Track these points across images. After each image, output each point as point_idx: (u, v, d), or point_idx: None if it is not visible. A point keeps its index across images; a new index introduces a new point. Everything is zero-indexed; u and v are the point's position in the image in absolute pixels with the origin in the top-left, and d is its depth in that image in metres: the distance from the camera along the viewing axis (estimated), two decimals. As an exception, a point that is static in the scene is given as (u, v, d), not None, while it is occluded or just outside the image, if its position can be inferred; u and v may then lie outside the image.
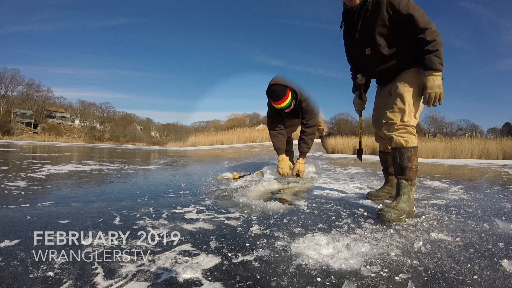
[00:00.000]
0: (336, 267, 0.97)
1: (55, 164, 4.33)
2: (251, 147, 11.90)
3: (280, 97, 2.37)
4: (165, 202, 1.90)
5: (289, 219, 1.51)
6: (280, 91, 2.37)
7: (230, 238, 1.23)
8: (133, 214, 1.57)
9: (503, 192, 2.67)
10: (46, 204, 1.73)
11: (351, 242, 1.18)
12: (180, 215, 1.56)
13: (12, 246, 1.08)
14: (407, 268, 0.98)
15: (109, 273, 0.91)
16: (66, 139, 36.96)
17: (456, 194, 2.48)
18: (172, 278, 0.89)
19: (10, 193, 2.05)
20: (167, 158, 7.16)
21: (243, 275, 0.91)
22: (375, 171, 4.22)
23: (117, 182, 2.83)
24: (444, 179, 3.55)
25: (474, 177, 4.20)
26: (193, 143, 21.70)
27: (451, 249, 1.16)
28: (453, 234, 1.34)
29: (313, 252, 1.08)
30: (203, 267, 0.95)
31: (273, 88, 2.39)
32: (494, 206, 2.01)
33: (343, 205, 1.88)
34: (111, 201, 1.87)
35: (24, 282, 0.84)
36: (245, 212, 1.62)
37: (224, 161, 5.66)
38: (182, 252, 1.07)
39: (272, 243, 1.17)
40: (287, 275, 0.91)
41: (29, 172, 3.24)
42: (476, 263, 1.04)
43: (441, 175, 4.26)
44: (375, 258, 1.05)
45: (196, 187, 2.53)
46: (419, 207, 1.85)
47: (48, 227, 1.28)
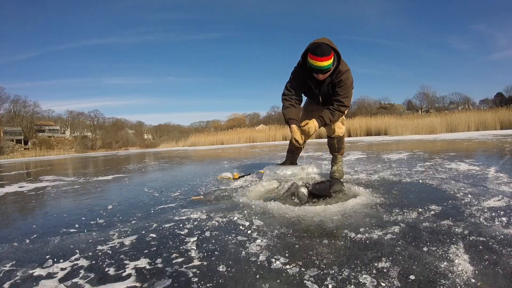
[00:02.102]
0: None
1: (3, 184, 3.86)
2: (251, 147, 11.64)
3: (325, 54, 2.05)
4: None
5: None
6: (325, 49, 2.06)
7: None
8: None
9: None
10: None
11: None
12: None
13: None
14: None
15: None
16: (58, 151, 36.18)
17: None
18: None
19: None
20: (147, 162, 6.54)
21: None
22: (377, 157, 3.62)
23: (38, 207, 2.23)
24: (466, 158, 2.97)
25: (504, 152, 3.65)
26: (193, 143, 22.17)
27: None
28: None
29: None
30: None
31: (319, 44, 2.07)
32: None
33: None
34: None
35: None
36: (245, 213, 1.58)
37: (224, 161, 5.47)
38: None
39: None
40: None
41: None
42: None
43: (458, 153, 3.70)
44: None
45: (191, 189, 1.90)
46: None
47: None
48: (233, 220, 1.47)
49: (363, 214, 1.43)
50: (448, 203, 1.54)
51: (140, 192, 2.53)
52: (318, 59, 2.06)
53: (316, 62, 2.08)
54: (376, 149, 5.63)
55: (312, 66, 2.11)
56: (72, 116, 53.54)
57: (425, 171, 2.62)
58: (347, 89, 2.21)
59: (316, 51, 2.06)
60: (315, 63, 2.09)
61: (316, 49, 2.06)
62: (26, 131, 46.48)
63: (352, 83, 2.25)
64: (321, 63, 2.07)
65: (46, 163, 10.36)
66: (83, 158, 13.72)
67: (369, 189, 1.99)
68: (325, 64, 2.06)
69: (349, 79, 2.20)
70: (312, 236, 1.20)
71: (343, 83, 2.19)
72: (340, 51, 2.16)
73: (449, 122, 13.21)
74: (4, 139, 41.31)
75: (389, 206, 1.54)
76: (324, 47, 2.05)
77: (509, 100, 29.99)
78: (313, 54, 2.08)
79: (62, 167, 7.45)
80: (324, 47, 2.05)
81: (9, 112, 46.34)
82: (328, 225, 1.31)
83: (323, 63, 2.06)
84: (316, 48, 2.06)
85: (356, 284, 0.82)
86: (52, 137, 50.11)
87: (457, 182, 2.07)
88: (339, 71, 2.17)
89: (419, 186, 2.04)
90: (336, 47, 2.17)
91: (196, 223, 1.46)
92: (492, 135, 8.64)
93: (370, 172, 2.74)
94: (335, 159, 2.53)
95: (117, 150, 35.34)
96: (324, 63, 2.06)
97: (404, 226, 1.23)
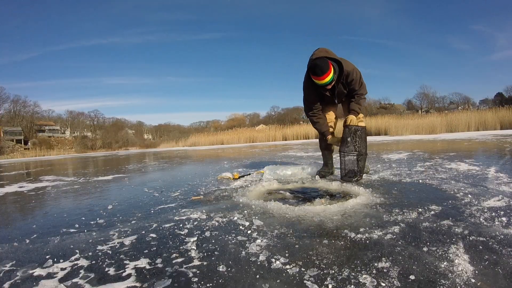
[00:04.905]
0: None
1: (3, 184, 3.86)
2: (251, 147, 11.65)
3: (325, 71, 2.23)
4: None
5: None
6: (323, 64, 2.24)
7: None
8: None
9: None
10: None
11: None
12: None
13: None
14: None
15: None
16: (58, 151, 36.07)
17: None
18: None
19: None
20: (147, 162, 6.53)
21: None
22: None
23: (38, 207, 2.23)
24: (466, 158, 2.97)
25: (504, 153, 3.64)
26: (193, 143, 22.15)
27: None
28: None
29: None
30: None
31: (315, 63, 2.25)
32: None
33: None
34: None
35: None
36: (245, 213, 1.58)
37: (224, 161, 5.46)
38: None
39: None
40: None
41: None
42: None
43: (458, 153, 3.69)
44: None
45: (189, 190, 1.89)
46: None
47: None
48: (233, 220, 1.47)
49: (363, 214, 1.43)
50: (448, 203, 1.54)
51: (140, 192, 2.53)
52: (319, 78, 2.27)
53: (319, 81, 2.30)
54: (376, 149, 5.62)
55: (317, 84, 2.33)
56: (72, 116, 53.54)
57: (425, 171, 2.62)
58: (358, 81, 2.44)
59: (315, 71, 2.26)
60: (318, 82, 2.31)
61: (315, 69, 2.26)
62: (26, 131, 46.44)
63: (360, 75, 2.47)
64: (323, 81, 2.27)
65: (46, 163, 10.35)
66: (83, 158, 13.72)
67: (369, 189, 1.98)
68: (327, 80, 2.26)
69: (357, 74, 2.42)
70: (312, 236, 1.20)
71: (354, 80, 2.41)
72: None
73: (449, 122, 13.19)
74: (4, 139, 41.26)
75: (389, 206, 1.54)
76: (321, 63, 2.23)
77: (509, 100, 30.00)
78: (314, 74, 2.29)
79: (62, 167, 7.44)
80: (321, 64, 2.23)
81: (9, 112, 46.31)
82: (328, 225, 1.31)
83: (325, 80, 2.26)
84: (315, 68, 2.25)
85: (356, 284, 0.82)
86: (52, 137, 50.06)
87: (457, 182, 2.07)
88: (346, 73, 2.38)
89: (419, 186, 2.04)
90: (334, 55, 2.38)
91: (196, 223, 1.46)
92: (492, 135, 8.64)
93: (370, 172, 2.74)
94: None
95: (117, 150, 35.30)
96: (326, 80, 2.26)
97: (404, 226, 1.23)
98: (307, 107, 2.59)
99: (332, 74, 2.25)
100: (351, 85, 2.42)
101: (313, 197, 1.88)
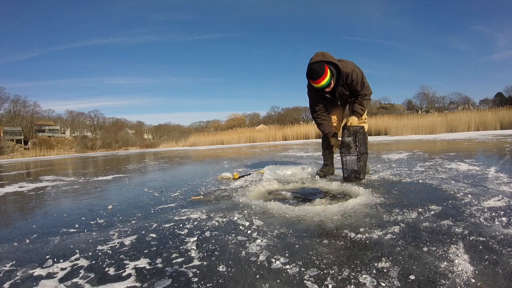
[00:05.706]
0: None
1: (3, 184, 3.86)
2: (251, 147, 11.68)
3: (320, 75, 2.27)
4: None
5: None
6: (318, 68, 2.28)
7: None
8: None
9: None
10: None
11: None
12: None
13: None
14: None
15: None
16: (57, 151, 36.07)
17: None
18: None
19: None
20: (147, 162, 6.53)
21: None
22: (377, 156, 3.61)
23: (38, 207, 2.22)
24: (466, 158, 2.96)
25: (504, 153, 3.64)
26: (193, 143, 22.15)
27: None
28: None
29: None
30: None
31: (311, 67, 2.30)
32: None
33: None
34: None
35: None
36: (245, 213, 1.58)
37: (224, 161, 5.47)
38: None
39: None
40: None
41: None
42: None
43: (459, 152, 3.69)
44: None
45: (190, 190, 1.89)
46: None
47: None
48: (233, 220, 1.47)
49: (363, 214, 1.43)
50: (448, 203, 1.54)
51: (140, 192, 2.53)
52: (315, 82, 2.32)
53: (316, 85, 2.35)
54: (376, 149, 5.62)
55: (315, 88, 2.38)
56: (72, 116, 53.59)
57: (425, 171, 2.62)
58: (359, 82, 2.44)
59: (311, 75, 2.32)
60: (315, 86, 2.36)
61: (311, 73, 2.31)
62: (26, 131, 46.47)
63: (362, 74, 2.51)
64: (320, 84, 2.32)
65: (46, 163, 10.35)
66: (83, 158, 13.72)
67: (369, 189, 1.98)
68: (324, 83, 2.31)
69: (358, 75, 2.43)
70: (312, 236, 1.20)
71: (355, 80, 2.43)
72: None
73: (449, 122, 13.20)
74: (4, 139, 41.24)
75: (389, 206, 1.54)
76: (316, 67, 2.28)
77: (509, 100, 29.99)
78: (310, 78, 2.35)
79: (62, 167, 7.44)
80: (316, 68, 2.28)
81: (9, 112, 46.39)
82: (328, 225, 1.31)
83: (321, 83, 2.31)
84: (311, 72, 2.31)
85: (356, 284, 0.82)
86: (52, 137, 50.12)
87: (457, 182, 2.07)
88: (345, 74, 2.39)
89: (419, 186, 2.04)
90: (331, 58, 2.39)
91: (196, 223, 1.46)
92: (492, 135, 8.64)
93: (370, 172, 2.74)
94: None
95: (117, 150, 35.29)
96: (323, 82, 2.31)
97: (404, 226, 1.23)
98: (312, 109, 2.66)
99: (328, 77, 2.29)
100: (352, 86, 2.44)
101: (313, 197, 1.88)
